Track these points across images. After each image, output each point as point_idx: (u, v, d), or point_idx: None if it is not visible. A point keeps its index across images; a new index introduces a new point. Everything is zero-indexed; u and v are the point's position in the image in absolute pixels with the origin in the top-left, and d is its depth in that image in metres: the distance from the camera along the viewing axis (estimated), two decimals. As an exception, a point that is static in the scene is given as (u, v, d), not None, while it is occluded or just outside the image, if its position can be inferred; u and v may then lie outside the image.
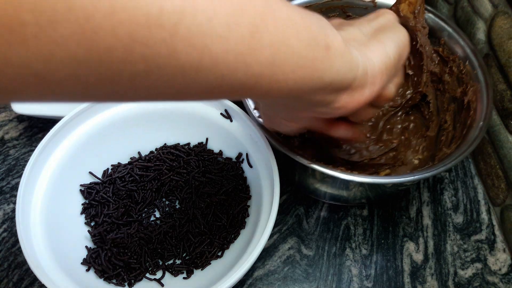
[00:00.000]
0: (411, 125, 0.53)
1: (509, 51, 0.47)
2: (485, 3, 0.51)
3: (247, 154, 0.47)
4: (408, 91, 0.52)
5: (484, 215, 0.52)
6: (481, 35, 0.52)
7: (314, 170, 0.39)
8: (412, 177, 0.39)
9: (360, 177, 0.39)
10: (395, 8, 0.50)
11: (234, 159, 0.48)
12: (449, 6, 0.59)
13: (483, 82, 0.46)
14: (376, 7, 0.52)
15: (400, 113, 0.53)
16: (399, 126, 0.52)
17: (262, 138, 0.44)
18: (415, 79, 0.51)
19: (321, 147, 0.50)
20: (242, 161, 0.47)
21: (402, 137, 0.52)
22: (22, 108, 0.51)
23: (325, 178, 0.43)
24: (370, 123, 0.51)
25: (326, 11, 0.53)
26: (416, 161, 0.51)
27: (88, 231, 0.44)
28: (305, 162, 0.39)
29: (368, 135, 0.50)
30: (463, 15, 0.55)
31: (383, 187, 0.46)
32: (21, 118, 0.56)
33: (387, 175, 0.49)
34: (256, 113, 0.42)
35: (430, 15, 0.51)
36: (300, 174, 0.47)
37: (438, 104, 0.52)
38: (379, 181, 0.40)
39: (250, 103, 0.44)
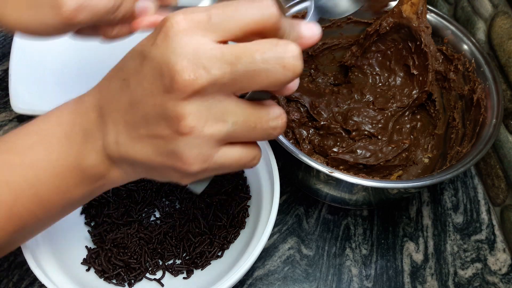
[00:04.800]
0: (419, 124, 0.53)
1: (509, 51, 0.47)
2: (485, 3, 0.51)
3: (247, 154, 0.47)
4: (414, 91, 0.52)
5: (484, 215, 0.52)
6: (481, 35, 0.52)
7: (318, 171, 0.39)
8: (434, 180, 0.39)
9: (375, 182, 0.39)
10: (397, 10, 0.50)
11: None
12: (449, 6, 0.59)
13: (491, 79, 0.46)
14: None
15: (407, 113, 0.53)
16: (408, 126, 0.53)
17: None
18: (421, 79, 0.51)
19: (327, 154, 0.50)
20: (242, 161, 0.47)
21: (411, 137, 0.52)
22: (22, 108, 0.51)
23: (329, 180, 0.43)
24: (380, 125, 0.51)
25: None
26: (426, 160, 0.51)
27: (88, 231, 0.44)
28: (327, 170, 0.39)
29: (379, 136, 0.50)
30: (463, 15, 0.55)
31: (388, 193, 0.46)
32: (21, 118, 0.56)
33: (399, 176, 0.49)
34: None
35: (433, 14, 0.51)
36: (303, 174, 0.47)
37: (444, 102, 0.52)
38: (403, 185, 0.40)
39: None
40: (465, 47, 0.49)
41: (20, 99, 0.52)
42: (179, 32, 0.23)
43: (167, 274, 0.42)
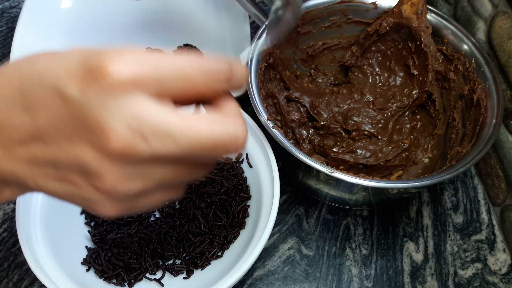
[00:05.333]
0: (419, 124, 0.53)
1: (509, 51, 0.47)
2: (485, 3, 0.51)
3: (247, 154, 0.47)
4: (414, 91, 0.52)
5: (484, 215, 0.52)
6: (481, 35, 0.52)
7: (318, 171, 0.39)
8: (434, 180, 0.39)
9: (375, 182, 0.39)
10: (397, 10, 0.50)
11: (234, 159, 0.48)
12: (449, 6, 0.59)
13: (491, 79, 0.46)
14: (377, 9, 0.52)
15: (407, 113, 0.53)
16: (408, 126, 0.53)
17: (262, 138, 0.44)
18: (421, 79, 0.51)
19: (327, 154, 0.50)
20: (242, 161, 0.47)
21: (411, 137, 0.52)
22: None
23: (329, 180, 0.43)
24: (380, 125, 0.51)
25: (327, 15, 0.53)
26: (426, 160, 0.51)
27: (88, 231, 0.44)
28: (327, 170, 0.39)
29: (379, 136, 0.50)
30: (463, 15, 0.55)
31: (388, 193, 0.46)
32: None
33: (399, 176, 0.49)
34: (270, 124, 0.42)
35: (433, 14, 0.51)
36: (303, 174, 0.47)
37: (444, 102, 0.52)
38: (403, 185, 0.40)
39: (263, 112, 0.43)
40: (465, 47, 0.49)
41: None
42: (118, 88, 0.19)
43: (167, 274, 0.42)
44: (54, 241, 0.40)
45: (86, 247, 0.43)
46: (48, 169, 0.22)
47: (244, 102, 0.47)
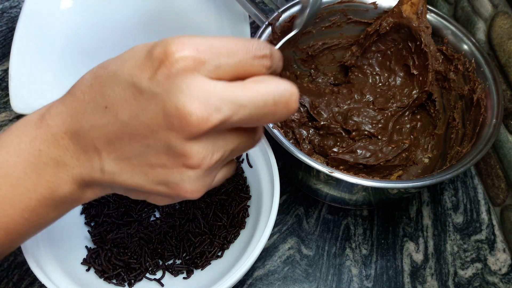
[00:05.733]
0: (419, 124, 0.53)
1: (509, 51, 0.47)
2: (485, 3, 0.51)
3: (247, 154, 0.47)
4: (414, 91, 0.52)
5: (484, 215, 0.52)
6: (481, 35, 0.52)
7: (318, 171, 0.39)
8: (434, 180, 0.39)
9: (375, 182, 0.39)
10: (397, 10, 0.50)
11: (234, 159, 0.48)
12: (449, 6, 0.59)
13: (491, 79, 0.46)
14: (377, 9, 0.52)
15: (407, 113, 0.53)
16: (408, 126, 0.53)
17: (262, 139, 0.44)
18: (421, 78, 0.51)
19: (327, 154, 0.50)
20: (242, 161, 0.47)
21: (411, 137, 0.52)
22: (22, 108, 0.51)
23: (329, 180, 0.43)
24: (380, 125, 0.51)
25: (327, 15, 0.53)
26: (426, 160, 0.51)
27: (88, 231, 0.44)
28: (327, 170, 0.39)
29: (379, 136, 0.50)
30: (463, 15, 0.55)
31: (388, 193, 0.46)
32: (21, 118, 0.56)
33: (399, 176, 0.49)
34: (270, 124, 0.42)
35: (433, 14, 0.51)
36: (303, 174, 0.47)
37: (444, 102, 0.52)
38: (404, 185, 0.40)
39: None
40: (465, 47, 0.49)
41: (20, 99, 0.52)
42: (184, 71, 0.22)
43: (167, 274, 0.42)
44: (54, 241, 0.40)
45: (86, 247, 0.43)
46: (134, 159, 0.24)
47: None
